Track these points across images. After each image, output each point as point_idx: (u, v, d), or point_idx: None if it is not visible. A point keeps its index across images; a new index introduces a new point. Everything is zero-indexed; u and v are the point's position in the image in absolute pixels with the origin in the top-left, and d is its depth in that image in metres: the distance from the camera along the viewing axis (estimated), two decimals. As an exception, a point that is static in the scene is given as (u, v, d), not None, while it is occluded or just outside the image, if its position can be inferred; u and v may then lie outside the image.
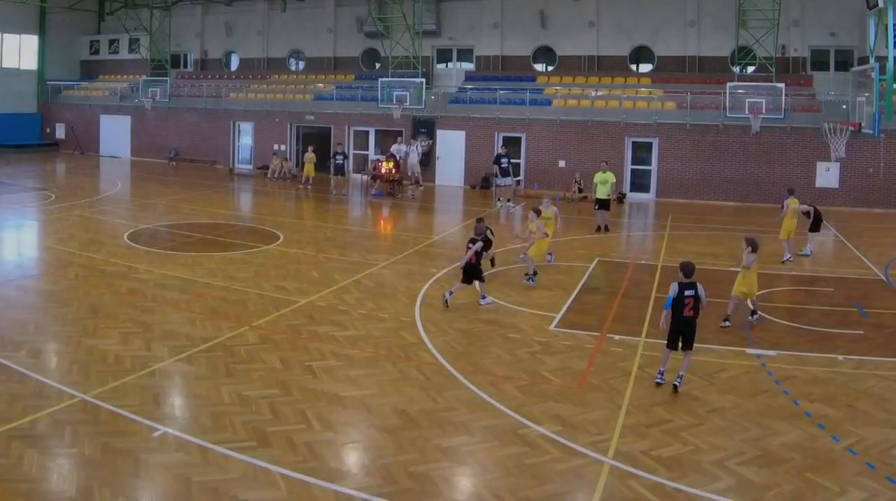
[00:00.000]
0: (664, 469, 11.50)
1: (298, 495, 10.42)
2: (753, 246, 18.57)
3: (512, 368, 15.82)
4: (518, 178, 45.57)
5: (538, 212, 24.32)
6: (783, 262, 26.63)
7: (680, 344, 14.83)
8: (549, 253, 25.66)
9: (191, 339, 16.76)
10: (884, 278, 25.21)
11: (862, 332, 18.91)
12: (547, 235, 24.45)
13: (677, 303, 14.53)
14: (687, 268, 14.89)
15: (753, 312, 19.32)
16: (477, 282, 20.57)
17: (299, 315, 19.08)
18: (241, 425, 12.41)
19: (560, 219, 27.26)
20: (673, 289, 14.68)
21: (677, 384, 14.53)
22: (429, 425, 12.78)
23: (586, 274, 24.55)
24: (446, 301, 20.16)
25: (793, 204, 28.17)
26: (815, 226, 28.46)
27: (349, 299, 20.70)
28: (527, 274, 23.18)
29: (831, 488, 11.02)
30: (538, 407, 13.66)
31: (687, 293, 14.55)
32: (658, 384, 14.66)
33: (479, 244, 20.32)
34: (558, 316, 19.64)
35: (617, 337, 18.11)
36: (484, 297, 20.66)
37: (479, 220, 21.74)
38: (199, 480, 10.62)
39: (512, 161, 41.78)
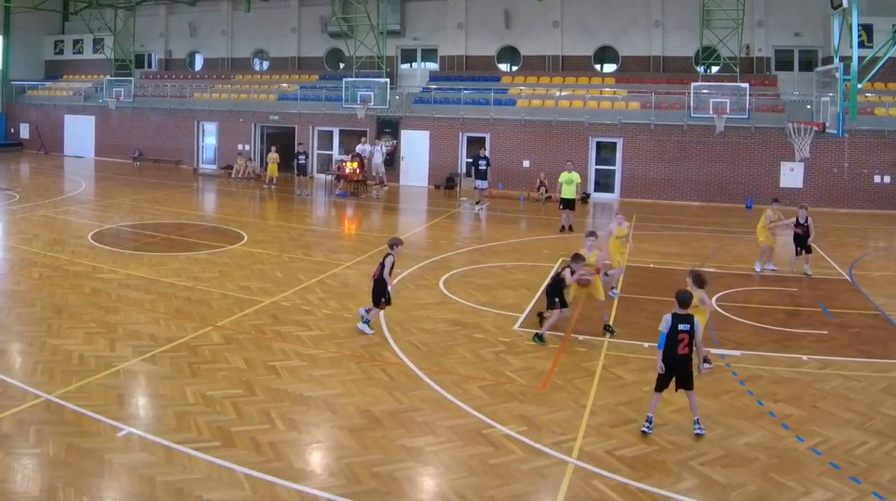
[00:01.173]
0: (628, 469, 11.54)
1: (262, 495, 10.43)
2: (698, 281, 15.40)
3: (476, 368, 15.83)
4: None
5: (594, 234, 20.05)
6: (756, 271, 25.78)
7: (674, 386, 13.13)
8: (613, 287, 22.51)
9: (155, 339, 16.71)
10: (848, 278, 25.40)
11: (826, 332, 19.05)
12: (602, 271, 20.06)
13: (671, 340, 12.96)
14: (682, 298, 13.19)
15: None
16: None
17: (263, 315, 19.05)
18: (206, 425, 12.40)
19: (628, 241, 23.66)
20: (666, 322, 13.07)
21: (700, 431, 12.87)
22: (393, 425, 12.79)
23: (550, 274, 24.58)
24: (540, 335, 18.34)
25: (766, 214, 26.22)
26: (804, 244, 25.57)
27: (313, 299, 20.70)
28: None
29: (796, 488, 11.11)
30: (502, 407, 13.69)
31: (681, 327, 12.91)
32: (644, 433, 12.86)
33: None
34: (522, 317, 19.69)
35: (581, 338, 18.15)
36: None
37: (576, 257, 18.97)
38: (163, 480, 10.61)
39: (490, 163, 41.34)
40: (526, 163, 47.49)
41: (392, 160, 50.04)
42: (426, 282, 22.91)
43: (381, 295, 18.31)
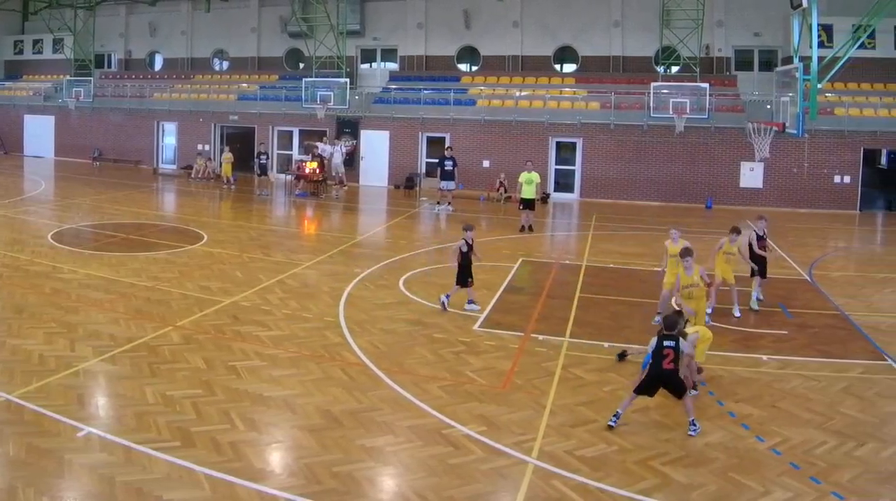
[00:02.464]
0: (588, 469, 11.57)
1: (222, 495, 10.42)
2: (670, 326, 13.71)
3: (436, 368, 15.86)
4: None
5: (690, 252, 17.50)
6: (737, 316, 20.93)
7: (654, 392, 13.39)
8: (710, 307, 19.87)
9: (115, 339, 16.66)
10: (808, 278, 25.61)
11: (786, 332, 19.18)
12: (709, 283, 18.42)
13: (656, 354, 13.29)
14: (669, 321, 13.53)
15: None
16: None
17: (223, 315, 19.03)
18: (166, 425, 12.38)
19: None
20: (652, 344, 13.40)
21: (693, 432, 13.00)
22: (353, 425, 12.79)
23: (511, 274, 24.69)
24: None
25: (728, 248, 20.89)
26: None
27: (273, 299, 20.69)
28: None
29: (756, 488, 11.17)
30: (462, 407, 13.71)
31: (666, 344, 13.17)
32: (609, 426, 13.08)
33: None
34: (482, 316, 19.71)
35: (541, 337, 18.18)
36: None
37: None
38: (123, 480, 10.58)
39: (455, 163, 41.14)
40: (486, 164, 47.61)
41: (352, 160, 50.00)
42: (386, 282, 22.96)
43: (467, 275, 19.87)
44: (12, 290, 20.54)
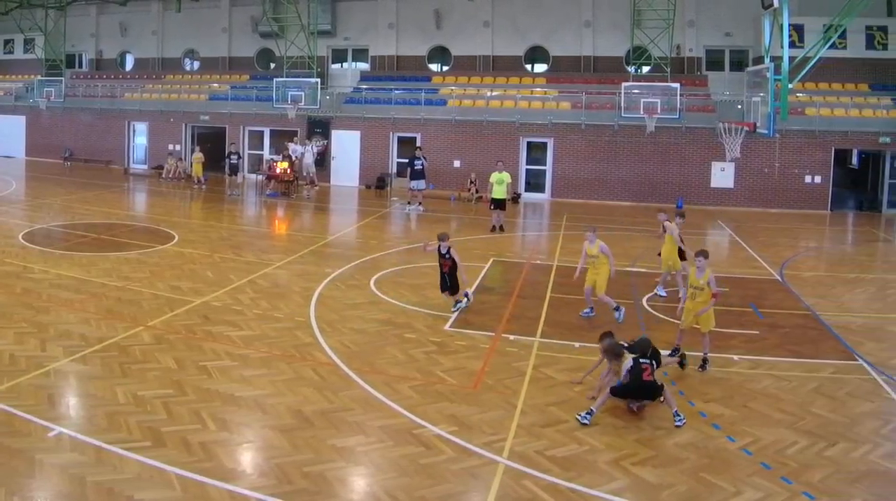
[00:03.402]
0: (559, 469, 11.59)
1: (193, 494, 10.41)
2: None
3: (407, 368, 15.88)
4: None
5: (706, 254, 17.01)
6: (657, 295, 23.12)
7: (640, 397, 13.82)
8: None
9: (86, 339, 16.64)
10: (779, 278, 25.71)
11: (757, 332, 19.21)
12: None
13: (635, 372, 13.52)
14: (643, 346, 14.02)
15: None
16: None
17: (194, 315, 19.02)
18: (136, 425, 12.37)
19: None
20: (626, 366, 13.66)
21: (679, 423, 13.39)
22: (324, 425, 12.80)
23: (481, 274, 24.73)
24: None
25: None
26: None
27: (244, 299, 20.69)
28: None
29: (726, 488, 11.19)
30: (433, 407, 13.74)
31: (643, 361, 13.63)
32: (583, 424, 13.24)
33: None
34: (453, 317, 19.72)
35: (512, 337, 18.23)
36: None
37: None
38: (94, 480, 10.58)
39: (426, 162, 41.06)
40: (457, 164, 47.66)
41: (323, 160, 49.98)
42: (357, 282, 23.00)
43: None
44: (-18, 291, 20.47)
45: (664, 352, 15.33)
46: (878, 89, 45.65)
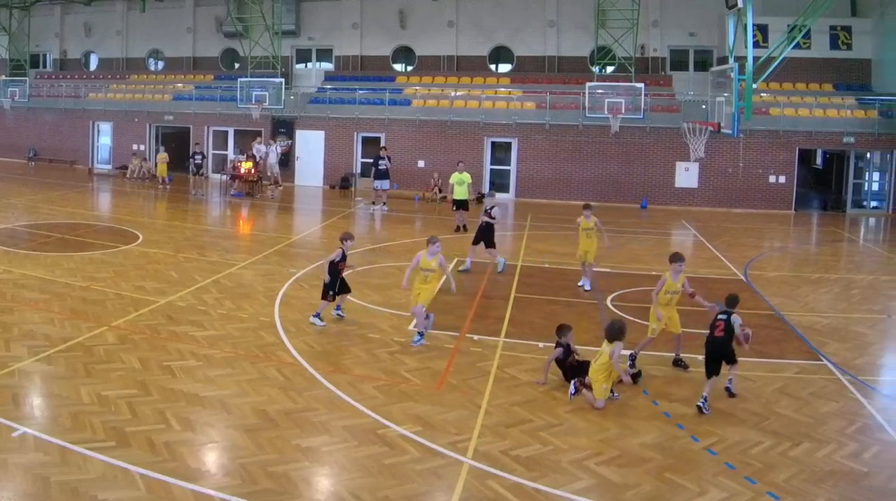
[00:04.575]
0: (523, 469, 11.61)
1: (158, 494, 10.40)
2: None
3: (371, 368, 15.89)
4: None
5: (682, 257, 17.40)
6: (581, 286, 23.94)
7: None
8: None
9: (50, 339, 16.59)
10: (743, 278, 25.89)
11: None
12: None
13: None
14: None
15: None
16: None
17: (158, 315, 19.00)
18: (101, 425, 12.33)
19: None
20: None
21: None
22: (288, 425, 12.80)
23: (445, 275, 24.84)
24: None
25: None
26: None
27: (208, 299, 20.68)
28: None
29: (691, 488, 11.23)
30: (397, 407, 13.75)
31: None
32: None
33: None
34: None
35: (476, 337, 18.28)
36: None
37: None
38: (58, 480, 10.56)
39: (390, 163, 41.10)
40: (421, 164, 47.82)
41: (287, 160, 49.97)
42: (321, 283, 22.96)
43: (328, 288, 18.96)
44: (-54, 292, 20.41)
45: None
46: (842, 89, 46.20)
